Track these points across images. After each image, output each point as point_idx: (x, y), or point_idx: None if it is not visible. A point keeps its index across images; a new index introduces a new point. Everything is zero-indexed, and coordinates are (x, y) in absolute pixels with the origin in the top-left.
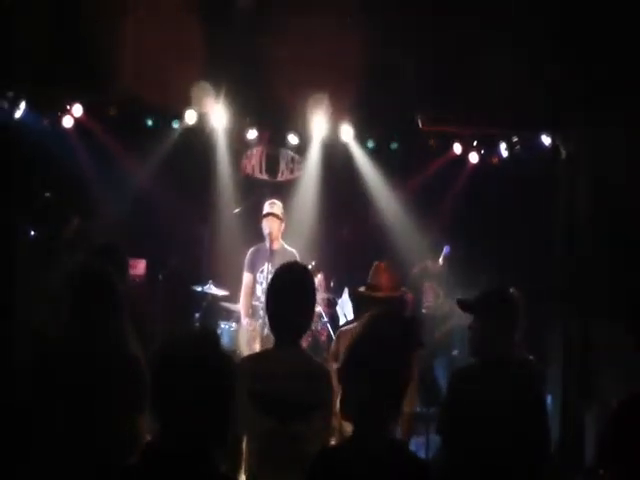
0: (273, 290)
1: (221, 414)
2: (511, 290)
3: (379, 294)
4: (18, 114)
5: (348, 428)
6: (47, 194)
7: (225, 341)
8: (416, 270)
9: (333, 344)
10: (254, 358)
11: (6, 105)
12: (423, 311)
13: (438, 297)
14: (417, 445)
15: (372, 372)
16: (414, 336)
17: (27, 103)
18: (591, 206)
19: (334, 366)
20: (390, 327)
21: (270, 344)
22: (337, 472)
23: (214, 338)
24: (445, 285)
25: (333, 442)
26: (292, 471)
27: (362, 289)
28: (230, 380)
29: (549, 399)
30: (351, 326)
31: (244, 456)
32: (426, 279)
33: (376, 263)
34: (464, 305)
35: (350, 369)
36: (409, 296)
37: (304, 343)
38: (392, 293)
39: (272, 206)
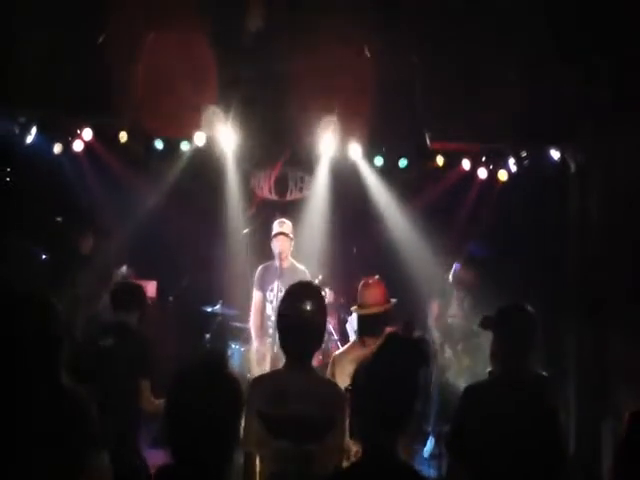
0: (284, 310)
1: (228, 436)
2: (526, 307)
3: (366, 311)
4: (29, 139)
5: (354, 448)
6: (58, 218)
7: (236, 362)
8: (449, 279)
9: (329, 369)
10: (265, 379)
11: (17, 130)
12: (448, 320)
13: (463, 308)
14: (430, 465)
15: (381, 397)
16: (423, 358)
17: (38, 128)
18: (603, 219)
19: None
20: (400, 351)
21: (280, 362)
22: None
23: (221, 363)
24: (470, 298)
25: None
26: None
27: (353, 308)
28: (236, 404)
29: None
30: (343, 349)
31: (257, 476)
32: (457, 288)
33: (362, 281)
34: (484, 323)
35: (359, 393)
36: (427, 310)
37: (315, 361)
38: (378, 309)
39: (282, 225)
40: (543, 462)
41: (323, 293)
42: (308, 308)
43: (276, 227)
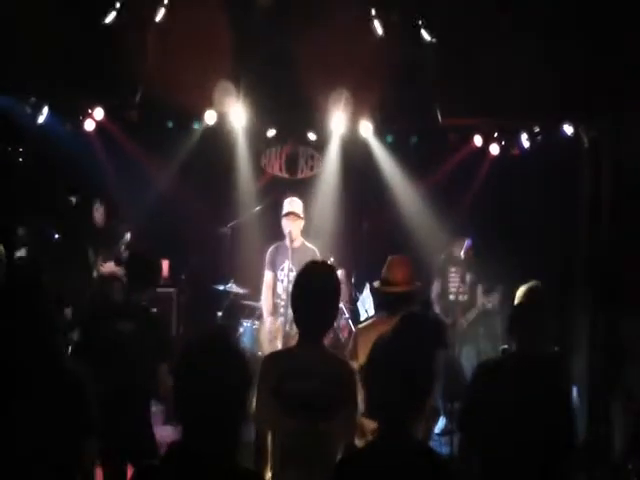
0: (299, 288)
1: (236, 410)
2: (540, 285)
3: (393, 289)
4: (41, 119)
5: (370, 425)
6: (71, 197)
7: (247, 339)
8: (442, 258)
9: (351, 342)
10: (278, 356)
11: (29, 110)
12: (450, 297)
13: (463, 282)
14: (441, 442)
15: (399, 374)
16: (441, 338)
17: (49, 108)
18: (616, 195)
19: (354, 365)
20: (418, 330)
21: (292, 341)
22: (363, 475)
23: (226, 338)
24: (472, 272)
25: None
26: (317, 468)
27: (376, 284)
28: (243, 377)
29: (575, 391)
30: (368, 323)
31: (270, 452)
32: (452, 265)
33: (390, 257)
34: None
35: (377, 371)
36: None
37: (326, 340)
38: (406, 288)
39: (292, 204)
40: (554, 439)
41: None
42: (322, 287)
43: (286, 206)
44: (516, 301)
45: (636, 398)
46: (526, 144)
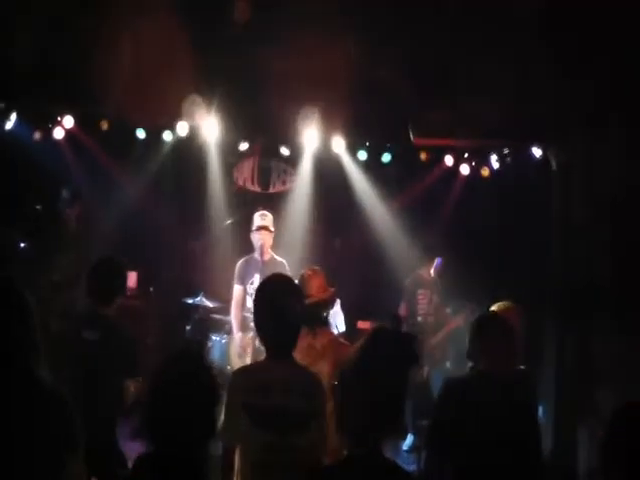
0: (260, 304)
1: (204, 425)
2: (508, 303)
3: (309, 300)
4: (9, 126)
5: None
6: (37, 206)
7: (216, 354)
8: (409, 280)
9: None
10: (247, 371)
11: None
12: (419, 319)
13: (431, 303)
14: (409, 459)
15: (371, 395)
16: (413, 354)
17: (18, 115)
18: (584, 218)
19: None
20: (390, 345)
21: (262, 356)
22: None
23: (197, 354)
24: (438, 294)
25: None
26: None
27: None
28: (212, 393)
29: (541, 410)
30: None
31: (238, 468)
32: (420, 287)
33: (301, 273)
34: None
35: (348, 390)
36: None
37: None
38: (320, 296)
39: (263, 218)
40: (520, 456)
41: None
42: (284, 301)
43: (257, 220)
44: (486, 320)
45: (604, 417)
46: (496, 165)
